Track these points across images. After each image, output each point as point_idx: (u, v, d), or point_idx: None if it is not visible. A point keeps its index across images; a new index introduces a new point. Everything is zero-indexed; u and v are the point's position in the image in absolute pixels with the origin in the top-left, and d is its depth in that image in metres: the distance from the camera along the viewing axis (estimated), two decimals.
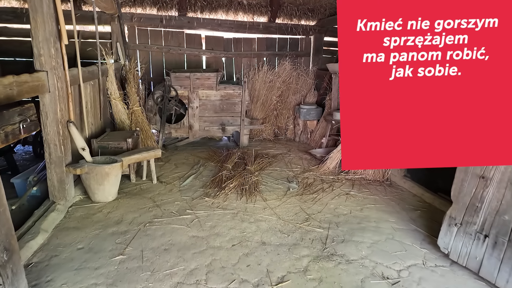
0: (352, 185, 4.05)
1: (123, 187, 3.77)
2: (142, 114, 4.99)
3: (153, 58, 5.89)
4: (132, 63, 5.29)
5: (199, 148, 5.43)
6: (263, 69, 5.99)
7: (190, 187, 3.86)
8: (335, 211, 3.37)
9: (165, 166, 4.57)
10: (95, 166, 3.16)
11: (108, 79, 4.70)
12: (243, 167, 4.39)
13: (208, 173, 4.33)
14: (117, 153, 3.81)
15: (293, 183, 4.03)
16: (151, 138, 4.97)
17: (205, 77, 5.13)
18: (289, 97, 6.15)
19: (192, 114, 5.28)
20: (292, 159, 4.98)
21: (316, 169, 4.53)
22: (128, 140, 3.81)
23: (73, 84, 3.47)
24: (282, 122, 6.22)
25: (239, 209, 3.31)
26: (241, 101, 5.34)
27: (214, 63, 6.15)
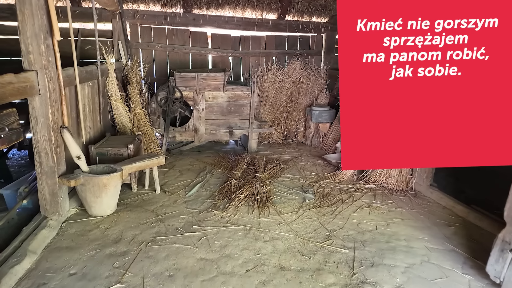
0: (374, 195, 3.67)
1: (123, 197, 3.42)
2: (144, 117, 4.63)
3: (156, 57, 5.53)
4: (134, 62, 4.94)
5: (205, 153, 5.07)
6: (272, 69, 5.61)
7: (196, 197, 3.50)
8: (359, 227, 2.99)
9: (169, 173, 4.21)
10: (91, 177, 2.80)
11: (109, 80, 4.35)
12: (253, 175, 4.02)
13: (216, 181, 3.96)
14: (117, 160, 3.46)
15: (308, 193, 3.66)
16: (154, 143, 4.61)
17: (212, 77, 4.76)
18: (299, 98, 5.78)
19: (198, 117, 4.91)
20: (305, 165, 4.61)
21: (332, 176, 4.15)
22: (129, 146, 3.46)
23: (68, 85, 3.12)
24: (292, 125, 5.84)
25: (252, 225, 2.94)
26: (249, 103, 4.97)
27: (220, 63, 5.78)
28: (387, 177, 3.89)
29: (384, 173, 3.91)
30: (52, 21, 2.63)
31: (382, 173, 3.91)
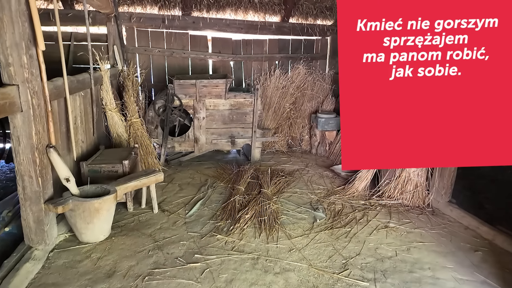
0: (389, 212, 3.39)
1: (118, 218, 3.12)
2: (142, 127, 4.33)
3: (154, 62, 5.23)
4: (130, 68, 4.64)
5: (205, 163, 4.77)
6: (275, 74, 5.33)
7: (197, 217, 3.20)
8: (377, 253, 2.70)
9: (168, 187, 3.91)
10: (81, 202, 2.50)
11: (103, 88, 4.05)
12: (258, 190, 3.73)
13: (218, 197, 3.67)
14: (111, 178, 3.16)
15: (319, 211, 3.37)
16: (151, 154, 4.31)
17: (213, 84, 4.46)
18: (304, 105, 5.49)
19: (198, 126, 4.61)
20: (312, 177, 4.32)
21: (342, 191, 3.86)
22: (125, 162, 3.15)
23: (56, 97, 2.82)
24: (296, 132, 5.55)
25: (260, 252, 2.65)
26: (252, 111, 4.68)
27: (221, 68, 5.48)
28: (402, 192, 3.61)
29: (398, 188, 3.63)
30: (35, 28, 2.32)
31: (397, 188, 3.63)
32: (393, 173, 3.69)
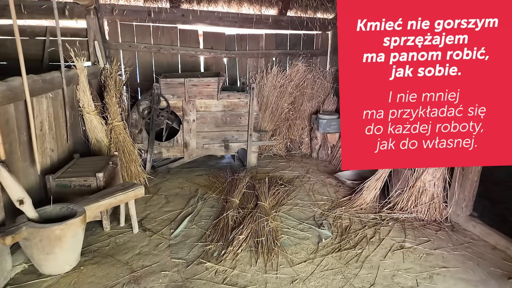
0: (403, 228, 2.95)
1: (91, 240, 2.66)
2: (124, 131, 3.86)
3: (140, 59, 4.74)
4: (113, 66, 4.16)
5: (196, 170, 4.31)
6: (272, 72, 4.88)
7: (184, 238, 2.74)
8: (395, 282, 2.27)
9: (153, 200, 3.44)
10: (38, 229, 2.03)
11: (79, 88, 3.57)
12: (255, 202, 3.28)
13: (209, 211, 3.21)
14: (83, 193, 2.69)
15: (324, 228, 2.93)
16: (135, 162, 3.84)
17: (204, 83, 3.99)
18: (303, 104, 5.05)
19: (188, 129, 4.14)
20: (314, 186, 3.87)
21: (348, 202, 3.42)
22: (99, 175, 2.68)
23: (11, 101, 2.34)
24: (295, 135, 5.10)
25: (257, 285, 2.20)
26: (248, 112, 4.22)
27: (214, 65, 5.01)
28: (416, 204, 3.17)
29: (412, 199, 3.19)
30: None
31: (410, 199, 3.20)
32: (406, 183, 3.25)
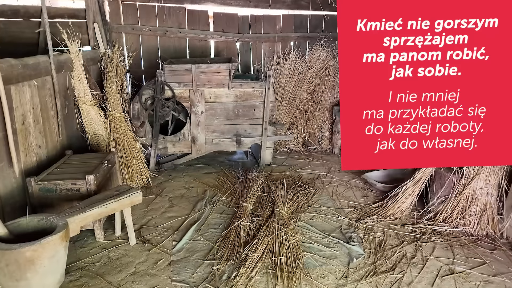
0: (449, 246, 2.44)
1: (81, 254, 2.26)
2: (125, 123, 3.43)
3: (144, 44, 4.27)
4: (115, 51, 3.72)
5: (205, 167, 3.87)
6: (290, 57, 4.35)
7: (188, 253, 2.31)
8: None
9: (156, 203, 3.03)
10: (2, 251, 1.61)
11: (74, 75, 3.15)
12: (271, 209, 2.82)
13: (218, 218, 2.77)
14: (71, 199, 2.29)
15: (354, 243, 2.44)
16: (137, 159, 3.43)
17: (214, 70, 3.50)
18: (324, 95, 4.51)
19: (196, 122, 3.68)
20: (338, 188, 3.38)
21: (379, 209, 2.92)
22: (89, 178, 2.26)
23: None
24: (314, 128, 4.58)
25: None
26: (263, 103, 3.72)
27: (225, 50, 4.50)
28: (463, 215, 2.65)
29: (459, 209, 2.67)
30: None
31: (456, 209, 2.67)
32: (451, 189, 2.72)
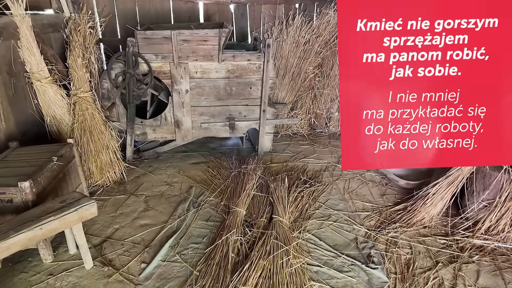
0: (497, 268, 1.88)
1: (20, 282, 1.72)
2: (93, 105, 2.81)
3: (119, 7, 3.53)
4: (83, 15, 3.01)
5: (193, 155, 3.28)
6: (294, 23, 3.62)
7: (159, 282, 1.75)
8: None
9: (128, 204, 2.46)
10: None
11: (22, 45, 2.49)
12: (269, 214, 2.25)
13: (202, 227, 2.21)
14: (2, 214, 1.71)
15: (375, 265, 1.88)
16: (108, 148, 2.82)
17: (199, 38, 2.79)
18: (334, 68, 3.82)
19: (180, 103, 3.03)
20: (350, 183, 2.79)
21: (403, 212, 2.34)
22: (23, 185, 1.67)
23: None
24: (322, 108, 3.93)
25: None
26: (261, 79, 3.04)
27: (217, 14, 3.75)
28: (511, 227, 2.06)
29: (507, 218, 2.08)
30: None
31: (504, 219, 2.09)
32: (498, 191, 2.12)
